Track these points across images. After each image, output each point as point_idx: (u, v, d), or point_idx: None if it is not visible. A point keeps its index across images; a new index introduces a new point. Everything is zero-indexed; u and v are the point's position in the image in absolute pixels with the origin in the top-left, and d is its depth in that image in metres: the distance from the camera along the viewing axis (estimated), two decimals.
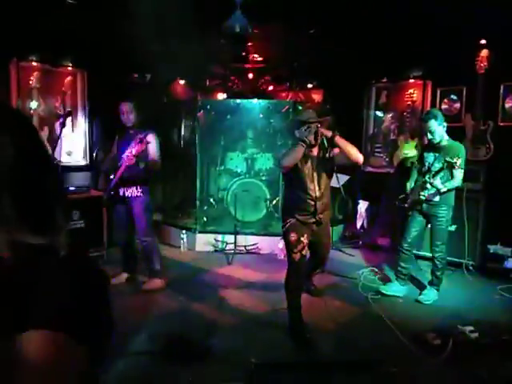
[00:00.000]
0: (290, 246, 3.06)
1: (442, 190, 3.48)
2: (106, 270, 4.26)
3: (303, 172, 3.03)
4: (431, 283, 3.82)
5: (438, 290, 3.77)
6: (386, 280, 4.15)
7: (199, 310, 3.48)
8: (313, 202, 3.05)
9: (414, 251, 4.09)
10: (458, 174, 3.48)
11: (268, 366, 2.52)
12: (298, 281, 3.09)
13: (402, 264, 3.84)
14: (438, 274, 3.74)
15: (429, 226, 3.83)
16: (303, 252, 3.05)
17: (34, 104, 4.89)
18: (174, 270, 4.42)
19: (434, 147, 3.61)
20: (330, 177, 3.18)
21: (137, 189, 3.76)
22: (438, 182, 3.45)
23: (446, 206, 3.61)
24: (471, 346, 2.84)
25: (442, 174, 3.47)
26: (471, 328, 2.96)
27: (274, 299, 3.64)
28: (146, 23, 4.84)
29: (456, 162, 3.27)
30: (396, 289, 3.83)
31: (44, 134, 4.97)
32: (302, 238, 3.04)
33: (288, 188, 3.28)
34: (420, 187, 3.61)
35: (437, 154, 3.60)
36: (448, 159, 3.33)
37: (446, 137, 3.59)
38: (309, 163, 3.05)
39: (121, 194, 3.77)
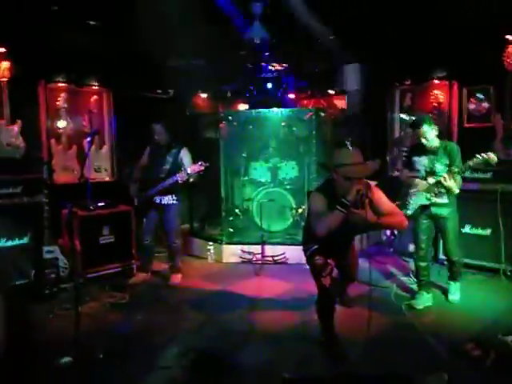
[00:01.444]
0: (317, 271, 2.85)
1: (455, 192, 3.41)
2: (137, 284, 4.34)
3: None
4: (452, 277, 3.77)
5: (459, 281, 3.77)
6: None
7: (228, 322, 3.46)
8: (335, 241, 2.78)
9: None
10: (459, 177, 3.42)
11: (298, 381, 2.47)
12: (330, 304, 2.94)
13: (423, 272, 3.71)
14: (455, 269, 3.72)
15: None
16: (333, 275, 2.89)
17: (62, 123, 5.04)
18: (201, 282, 4.43)
19: (424, 150, 3.51)
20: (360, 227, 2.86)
21: (172, 197, 4.29)
22: (452, 182, 3.35)
23: (453, 206, 3.56)
24: None
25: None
26: None
27: (303, 310, 3.58)
28: (166, 39, 4.95)
29: (461, 168, 3.34)
30: (425, 299, 3.69)
31: (73, 151, 5.11)
32: (328, 261, 2.86)
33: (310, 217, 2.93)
34: (426, 191, 3.49)
35: (432, 157, 3.50)
36: (454, 163, 3.38)
37: (437, 140, 3.51)
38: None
39: (157, 201, 4.30)
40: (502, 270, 4.20)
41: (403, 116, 5.69)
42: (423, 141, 3.47)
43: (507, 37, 4.38)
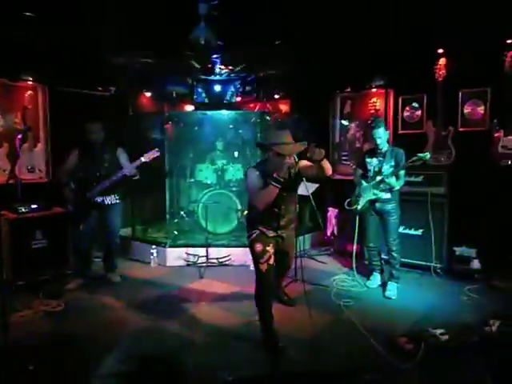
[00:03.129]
0: (256, 257, 3.03)
1: (395, 188, 3.93)
2: (73, 290, 4.12)
3: None
4: (392, 277, 4.09)
5: (397, 282, 4.09)
6: (359, 288, 4.22)
7: (171, 327, 3.38)
8: (276, 219, 3.03)
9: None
10: (403, 174, 3.95)
11: (240, 382, 2.48)
12: (267, 291, 3.05)
13: (374, 259, 4.31)
14: (397, 266, 4.08)
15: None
16: (270, 262, 3.00)
17: None
18: (144, 287, 4.31)
19: (375, 153, 4.05)
20: (295, 191, 3.14)
21: (115, 196, 4.25)
22: (393, 180, 3.89)
23: (395, 202, 4.03)
24: (442, 348, 2.89)
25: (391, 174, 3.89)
26: (442, 331, 3.02)
27: (247, 311, 3.59)
28: (109, 35, 4.78)
29: (404, 165, 3.84)
30: (378, 279, 4.28)
31: (3, 150, 4.78)
32: (267, 248, 3.01)
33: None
34: (373, 188, 3.99)
35: (381, 159, 4.00)
36: (400, 162, 3.89)
37: (386, 144, 4.05)
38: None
39: (99, 201, 4.18)
40: (432, 267, 4.49)
41: (343, 122, 5.92)
42: (378, 141, 3.94)
43: (439, 51, 4.70)
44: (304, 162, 2.96)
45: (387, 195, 3.97)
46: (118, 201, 4.29)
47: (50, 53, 4.86)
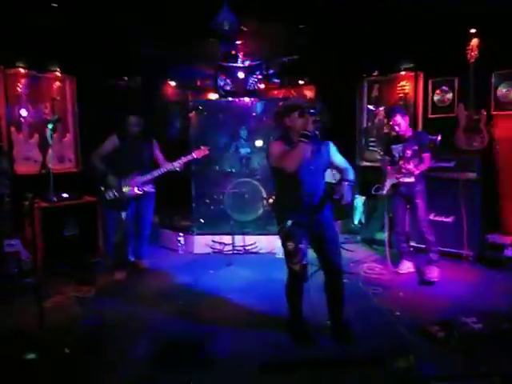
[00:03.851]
0: (288, 255, 2.81)
1: (416, 173, 3.89)
2: (101, 275, 4.22)
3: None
4: (431, 260, 4.03)
5: (438, 265, 4.04)
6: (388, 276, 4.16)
7: (200, 313, 3.43)
8: (307, 197, 2.76)
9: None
10: (427, 157, 3.91)
11: (274, 366, 2.49)
12: (298, 284, 2.90)
13: (402, 244, 4.24)
14: (434, 248, 4.02)
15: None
16: (303, 262, 2.77)
17: (23, 111, 4.81)
18: (172, 274, 4.37)
19: (399, 139, 4.03)
20: (323, 166, 2.87)
21: (152, 185, 4.29)
22: (411, 165, 3.87)
23: (420, 185, 3.98)
24: (475, 337, 2.82)
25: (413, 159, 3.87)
26: (474, 319, 2.94)
27: (275, 299, 3.59)
28: (133, 26, 4.80)
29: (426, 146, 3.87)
30: (408, 265, 4.20)
31: (34, 141, 4.90)
32: (299, 246, 2.75)
33: (279, 185, 2.88)
34: (396, 172, 3.98)
35: (404, 144, 3.98)
36: (423, 148, 3.87)
37: (409, 128, 4.07)
38: None
39: (140, 189, 4.17)
40: (464, 254, 4.37)
41: (370, 107, 5.79)
42: (396, 128, 3.94)
43: (471, 30, 4.50)
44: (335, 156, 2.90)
45: (410, 179, 3.94)
46: (153, 189, 4.32)
47: (77, 44, 4.93)
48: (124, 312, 3.44)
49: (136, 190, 4.14)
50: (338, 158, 2.93)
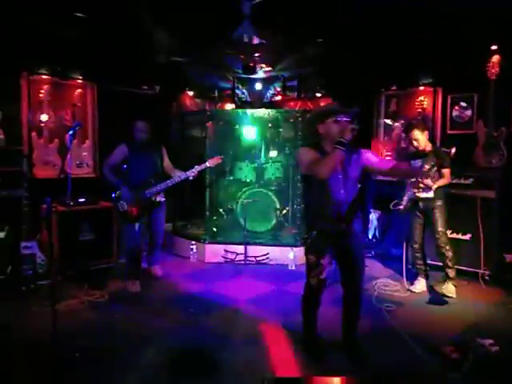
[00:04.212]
0: (308, 267, 2.78)
1: (434, 187, 3.86)
2: (114, 280, 4.24)
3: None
4: (448, 278, 3.99)
5: (454, 284, 3.99)
6: (402, 292, 4.10)
7: (210, 322, 3.42)
8: (337, 207, 2.64)
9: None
10: (446, 172, 3.91)
11: (278, 381, 2.45)
12: (314, 298, 2.87)
13: (418, 262, 4.17)
14: (451, 264, 3.97)
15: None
16: (321, 276, 2.72)
17: (44, 117, 4.93)
18: (184, 282, 4.38)
19: (419, 155, 3.87)
20: (356, 177, 2.73)
21: (163, 194, 4.28)
22: (428, 180, 3.83)
23: (440, 200, 3.95)
24: (491, 360, 2.74)
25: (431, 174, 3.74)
26: (491, 341, 2.86)
27: (286, 311, 3.57)
28: (154, 35, 4.89)
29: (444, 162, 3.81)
30: (423, 284, 4.13)
31: (54, 146, 5.00)
32: (321, 261, 2.69)
33: (309, 191, 2.78)
34: (413, 187, 3.94)
35: (424, 159, 3.77)
36: (443, 162, 3.82)
37: (429, 144, 3.99)
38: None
39: (153, 200, 4.17)
40: (480, 274, 4.27)
41: (387, 121, 5.76)
42: (414, 143, 3.92)
43: (492, 47, 4.46)
44: (371, 158, 2.77)
45: (429, 194, 3.90)
46: (164, 198, 4.32)
47: (98, 52, 5.04)
48: (135, 318, 3.45)
49: (153, 199, 4.16)
50: (375, 160, 2.78)
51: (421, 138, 3.90)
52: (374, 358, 2.82)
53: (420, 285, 4.13)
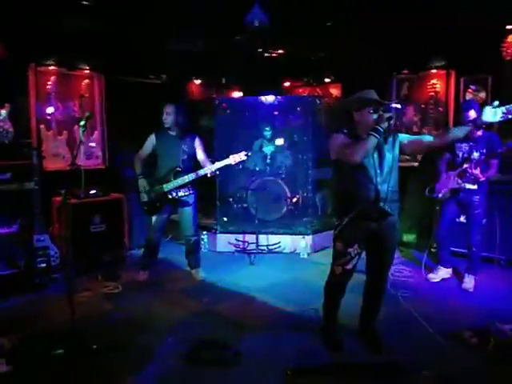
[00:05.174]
0: (334, 255, 2.70)
1: (481, 180, 3.58)
2: (127, 271, 4.25)
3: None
4: (470, 270, 3.84)
5: (475, 275, 3.82)
6: (417, 279, 4.05)
7: (225, 312, 3.41)
8: (374, 187, 2.53)
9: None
10: (495, 164, 3.60)
11: (302, 371, 2.44)
12: (337, 288, 2.80)
13: (442, 251, 3.99)
14: (476, 260, 3.82)
15: (462, 218, 3.89)
16: (347, 266, 2.62)
17: (52, 108, 4.90)
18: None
19: (467, 137, 3.44)
20: (394, 159, 2.61)
21: (188, 188, 3.91)
22: (478, 171, 3.55)
23: (482, 194, 3.68)
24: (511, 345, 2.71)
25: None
26: (511, 326, 2.82)
27: (300, 300, 3.56)
28: (160, 23, 4.81)
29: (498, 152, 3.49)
30: (443, 272, 3.98)
31: (63, 138, 4.98)
32: (348, 249, 2.59)
33: (342, 176, 2.66)
34: (458, 176, 3.66)
35: (472, 144, 3.64)
36: (494, 150, 3.53)
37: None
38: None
39: (173, 195, 3.87)
40: (496, 259, 4.22)
41: (394, 105, 5.63)
42: (471, 115, 3.45)
43: (507, 27, 4.34)
44: (407, 135, 2.71)
45: (474, 186, 3.63)
46: (191, 191, 3.93)
47: (104, 42, 4.98)
48: (150, 309, 3.45)
49: (170, 194, 3.87)
50: (407, 137, 2.71)
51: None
52: (391, 346, 2.80)
53: (440, 272, 3.99)
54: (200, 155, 3.95)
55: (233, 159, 3.84)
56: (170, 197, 3.88)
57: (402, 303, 3.47)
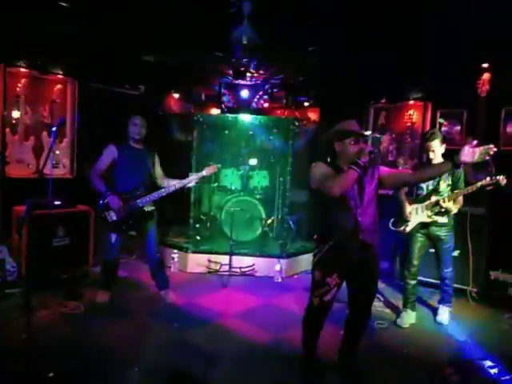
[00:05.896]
0: (312, 285, 2.60)
1: (453, 212, 3.52)
2: (90, 290, 3.95)
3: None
4: (444, 301, 3.76)
5: (450, 307, 3.76)
6: (393, 309, 3.99)
7: (196, 338, 3.20)
8: (354, 217, 2.48)
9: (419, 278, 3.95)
10: (461, 196, 3.53)
11: None
12: (315, 324, 2.69)
13: (410, 292, 3.72)
14: (450, 291, 3.74)
15: (432, 250, 3.79)
16: (325, 298, 2.52)
17: (19, 112, 4.60)
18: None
19: None
20: (375, 194, 2.59)
21: (154, 203, 3.78)
22: (450, 203, 3.45)
23: (451, 227, 3.62)
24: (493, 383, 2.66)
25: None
26: (490, 363, 2.79)
27: (274, 327, 3.42)
28: (141, 32, 4.67)
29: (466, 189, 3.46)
30: (410, 317, 3.68)
31: (30, 143, 4.68)
32: (327, 279, 2.49)
33: (323, 203, 2.57)
34: (427, 209, 3.55)
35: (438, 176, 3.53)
36: (457, 182, 3.53)
37: (442, 160, 3.48)
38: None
39: (146, 210, 3.72)
40: (468, 291, 4.24)
41: (376, 135, 5.72)
42: (430, 154, 3.52)
43: (483, 65, 4.49)
44: (386, 169, 2.65)
45: (444, 219, 3.55)
46: (153, 207, 3.78)
47: (81, 47, 4.78)
48: (115, 334, 3.19)
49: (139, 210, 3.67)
50: (387, 171, 2.65)
51: (438, 151, 3.50)
52: (372, 378, 2.69)
53: (409, 318, 3.67)
54: (159, 171, 3.87)
55: (207, 171, 3.87)
56: (144, 212, 3.68)
57: (379, 334, 3.38)
